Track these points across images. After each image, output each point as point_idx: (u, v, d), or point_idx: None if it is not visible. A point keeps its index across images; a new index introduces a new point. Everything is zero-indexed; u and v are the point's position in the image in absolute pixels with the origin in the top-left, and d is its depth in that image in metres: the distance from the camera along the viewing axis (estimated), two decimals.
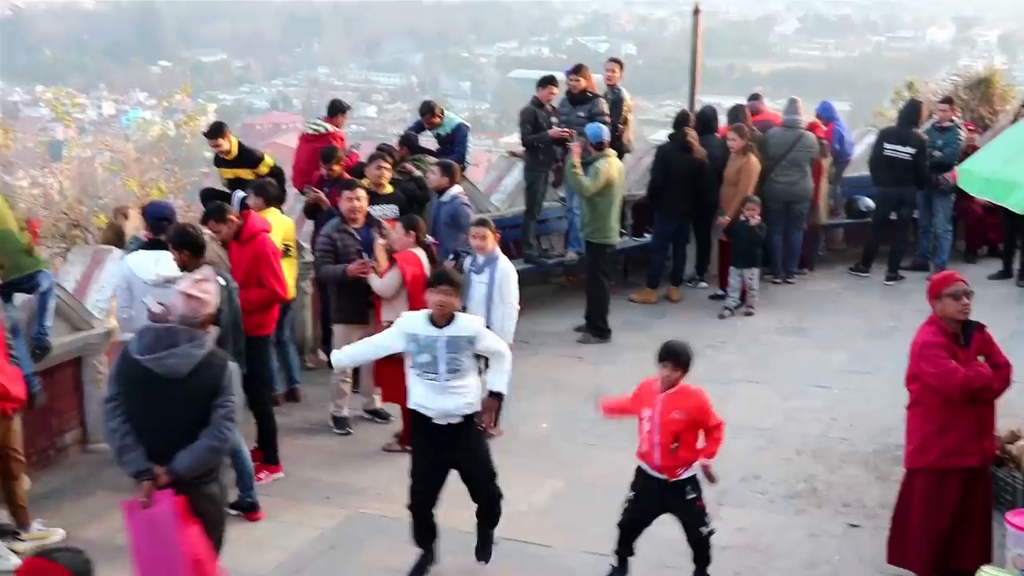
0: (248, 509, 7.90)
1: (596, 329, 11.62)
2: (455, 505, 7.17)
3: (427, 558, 7.08)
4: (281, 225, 9.42)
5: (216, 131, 11.60)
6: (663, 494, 6.65)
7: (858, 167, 14.40)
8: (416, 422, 6.93)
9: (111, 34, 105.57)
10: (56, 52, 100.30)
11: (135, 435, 5.76)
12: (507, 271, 8.96)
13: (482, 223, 9.17)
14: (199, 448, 5.71)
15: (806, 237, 13.59)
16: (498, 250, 9.08)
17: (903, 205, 13.39)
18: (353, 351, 7.27)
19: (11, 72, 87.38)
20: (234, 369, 5.94)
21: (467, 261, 9.14)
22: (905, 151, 12.95)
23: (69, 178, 15.47)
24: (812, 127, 13.34)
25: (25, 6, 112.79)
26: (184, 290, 5.88)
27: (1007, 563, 6.19)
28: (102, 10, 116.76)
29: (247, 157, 11.60)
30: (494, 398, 6.98)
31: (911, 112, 13.39)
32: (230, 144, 11.53)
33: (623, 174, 11.72)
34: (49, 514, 7.93)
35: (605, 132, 11.48)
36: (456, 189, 10.38)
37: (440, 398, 6.74)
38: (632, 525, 6.86)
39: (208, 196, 10.58)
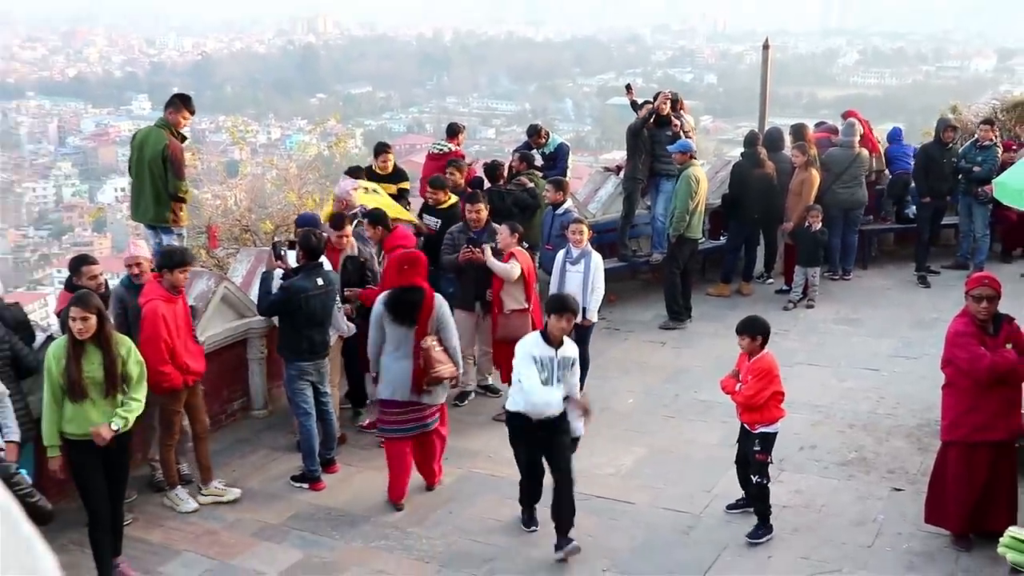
0: (326, 464, 8.05)
1: (672, 312, 11.46)
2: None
3: (532, 511, 7.11)
4: None
5: (383, 148, 11.47)
6: (743, 440, 6.94)
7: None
8: (518, 425, 6.71)
9: (278, 72, 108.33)
10: (235, 88, 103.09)
11: None
12: (598, 263, 9.06)
13: (579, 220, 9.31)
14: None
15: (860, 240, 13.24)
16: (590, 245, 9.11)
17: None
18: (525, 395, 6.59)
19: (199, 106, 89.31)
20: None
21: (561, 253, 9.15)
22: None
23: (243, 191, 15.83)
24: (865, 139, 13.04)
25: (211, 51, 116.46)
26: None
27: None
28: (271, 53, 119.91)
29: (397, 175, 11.40)
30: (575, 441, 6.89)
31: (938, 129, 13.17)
32: (389, 162, 11.40)
33: (706, 180, 11.60)
34: (219, 467, 8.11)
35: (693, 144, 11.52)
36: (569, 203, 10.37)
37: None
38: (738, 465, 7.10)
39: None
